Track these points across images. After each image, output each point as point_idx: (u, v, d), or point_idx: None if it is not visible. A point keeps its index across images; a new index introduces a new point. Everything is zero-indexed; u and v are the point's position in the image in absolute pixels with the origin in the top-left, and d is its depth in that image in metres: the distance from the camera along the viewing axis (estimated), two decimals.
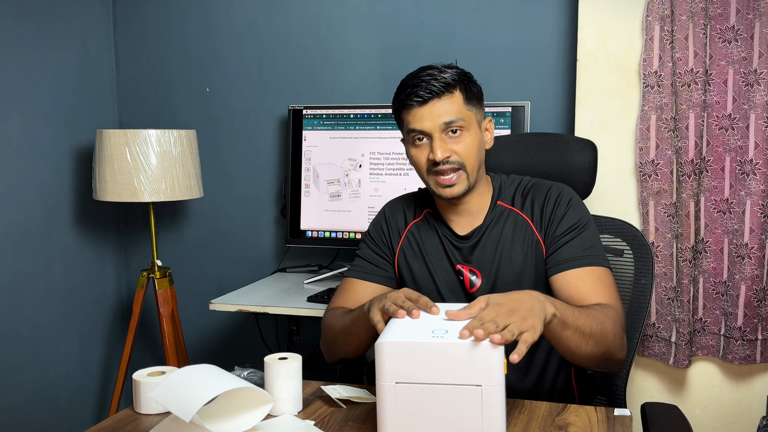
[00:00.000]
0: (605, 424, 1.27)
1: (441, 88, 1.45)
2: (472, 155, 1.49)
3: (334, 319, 1.53)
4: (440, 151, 1.45)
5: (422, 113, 1.46)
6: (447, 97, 1.46)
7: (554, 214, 1.52)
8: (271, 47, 2.67)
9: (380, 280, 1.61)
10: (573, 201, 1.54)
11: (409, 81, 1.48)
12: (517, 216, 1.55)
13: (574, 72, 2.25)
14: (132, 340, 2.48)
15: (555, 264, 1.49)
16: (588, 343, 1.33)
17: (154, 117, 2.82)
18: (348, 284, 1.62)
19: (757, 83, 2.01)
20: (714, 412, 2.21)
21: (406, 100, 1.47)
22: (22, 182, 2.44)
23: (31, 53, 2.46)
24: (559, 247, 1.50)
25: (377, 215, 1.68)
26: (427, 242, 1.59)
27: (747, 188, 2.05)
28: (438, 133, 1.46)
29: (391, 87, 2.60)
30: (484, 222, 1.55)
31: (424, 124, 1.46)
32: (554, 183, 1.58)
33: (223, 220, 2.80)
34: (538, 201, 1.55)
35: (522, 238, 1.53)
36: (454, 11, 2.46)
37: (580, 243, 1.49)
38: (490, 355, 1.09)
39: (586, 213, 1.54)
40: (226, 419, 1.23)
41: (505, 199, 1.57)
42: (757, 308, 2.07)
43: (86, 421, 2.73)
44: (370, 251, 1.64)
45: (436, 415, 1.12)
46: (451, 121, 1.46)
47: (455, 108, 1.46)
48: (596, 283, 1.45)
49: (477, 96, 1.52)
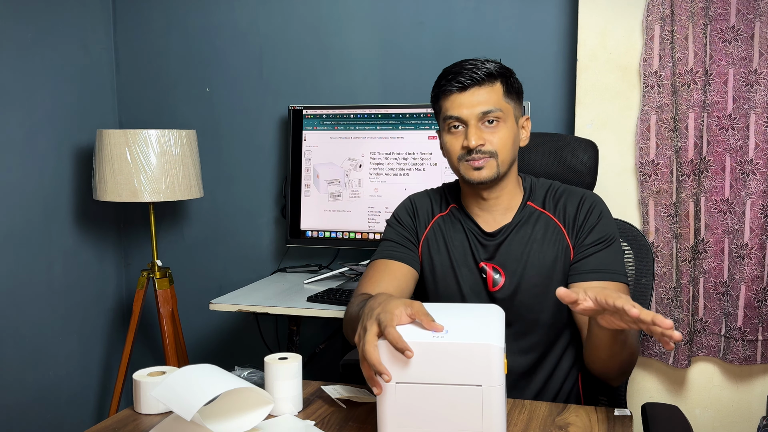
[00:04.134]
0: (605, 424, 1.27)
1: (483, 76, 1.46)
2: (506, 147, 1.49)
3: (353, 306, 1.43)
4: (474, 138, 1.45)
5: (461, 100, 1.47)
6: (487, 87, 1.47)
7: (586, 223, 1.53)
8: (271, 47, 2.67)
9: (411, 263, 1.57)
10: (604, 213, 1.55)
11: (451, 69, 1.49)
12: (549, 219, 1.55)
13: (574, 72, 2.25)
14: (132, 340, 2.48)
15: (579, 272, 1.50)
16: (624, 353, 1.35)
17: (154, 117, 2.82)
18: (376, 267, 1.56)
19: (757, 83, 2.01)
20: (714, 412, 2.21)
21: (446, 85, 1.48)
22: (22, 182, 2.44)
23: (31, 53, 2.46)
24: (586, 256, 1.51)
25: (402, 203, 1.66)
26: (452, 236, 1.58)
27: (747, 188, 2.05)
28: (474, 120, 1.46)
29: (391, 87, 2.62)
30: (512, 221, 1.55)
31: (461, 111, 1.46)
32: (585, 190, 1.59)
33: (223, 220, 2.80)
34: (571, 206, 1.55)
35: (553, 242, 1.53)
36: (454, 11, 2.46)
37: (606, 256, 1.50)
38: (490, 355, 1.09)
39: (615, 227, 1.56)
40: (226, 419, 1.23)
41: (536, 200, 1.57)
42: (758, 309, 2.07)
43: (86, 421, 2.73)
44: (396, 234, 1.61)
45: (436, 415, 1.12)
46: (488, 111, 1.46)
47: (494, 98, 1.47)
48: None
49: (517, 91, 1.53)
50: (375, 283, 1.51)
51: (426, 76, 2.49)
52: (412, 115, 2.36)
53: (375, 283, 1.51)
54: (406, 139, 2.36)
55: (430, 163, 2.34)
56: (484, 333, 1.13)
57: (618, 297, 1.13)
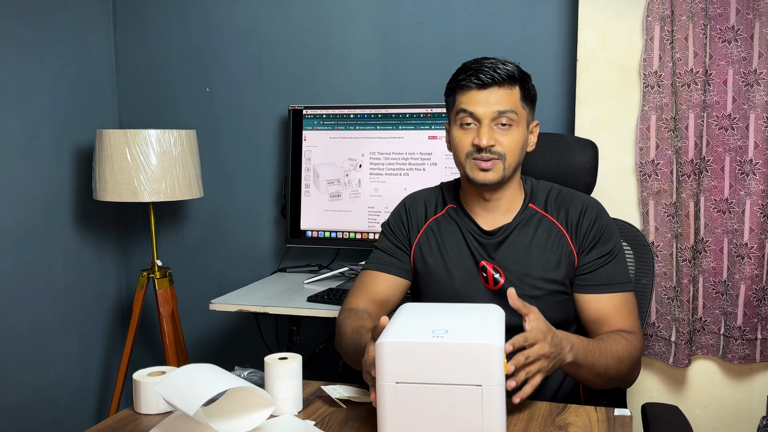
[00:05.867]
0: (605, 424, 1.27)
1: (504, 77, 1.46)
2: (515, 151, 1.49)
3: (344, 325, 1.50)
4: (486, 137, 1.45)
5: (478, 97, 1.47)
6: (507, 88, 1.47)
7: (590, 233, 1.54)
8: (271, 47, 2.67)
9: (399, 273, 1.61)
10: (607, 223, 1.57)
11: (472, 64, 1.49)
12: (552, 224, 1.55)
13: (574, 72, 2.25)
14: (132, 340, 2.48)
15: (588, 284, 1.52)
16: (600, 380, 1.42)
17: (154, 117, 2.82)
18: (366, 277, 1.62)
19: (757, 83, 2.01)
20: (714, 411, 2.21)
21: (465, 81, 1.48)
22: (22, 182, 2.44)
23: (31, 53, 2.46)
24: (595, 268, 1.52)
25: (397, 207, 1.68)
26: (447, 238, 1.59)
27: (747, 188, 2.05)
28: (488, 120, 1.47)
29: (391, 87, 2.62)
30: (513, 221, 1.55)
31: (477, 108, 1.47)
32: (586, 196, 1.60)
33: (223, 220, 2.80)
34: (574, 213, 1.55)
35: (557, 246, 1.53)
36: (454, 11, 2.46)
37: (614, 268, 1.53)
38: (490, 355, 1.09)
39: (616, 233, 1.58)
40: (227, 419, 1.23)
41: (537, 203, 1.57)
42: (757, 308, 2.07)
43: (86, 421, 2.73)
44: (388, 243, 1.64)
45: (436, 415, 1.12)
46: (504, 111, 1.46)
47: (512, 100, 1.47)
48: (624, 310, 1.51)
49: (532, 98, 1.54)
50: (360, 296, 1.59)
51: (426, 76, 2.49)
52: (412, 115, 2.36)
53: (360, 296, 1.59)
54: (406, 139, 2.36)
55: (430, 163, 2.34)
56: (484, 333, 1.13)
57: (524, 338, 1.23)
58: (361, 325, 1.44)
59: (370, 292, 1.59)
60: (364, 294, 1.59)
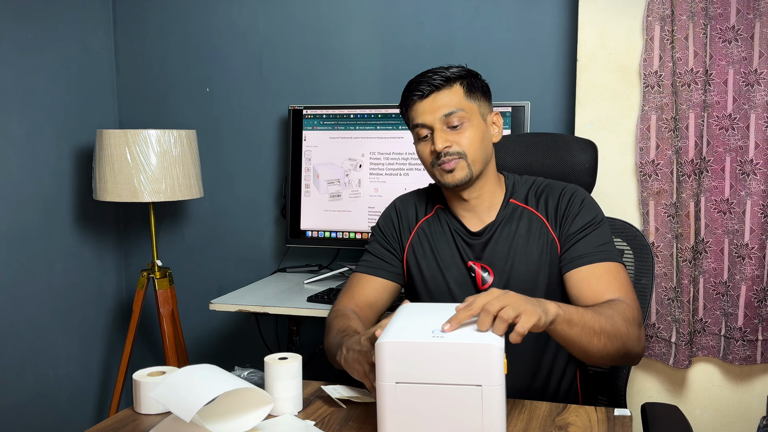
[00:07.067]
0: (605, 424, 1.27)
1: (441, 81, 1.49)
2: (473, 146, 1.50)
3: (332, 326, 1.51)
4: (440, 141, 1.48)
5: (423, 107, 1.50)
6: (446, 90, 1.50)
7: (568, 212, 1.53)
8: (271, 47, 2.67)
9: (387, 276, 1.62)
10: (587, 200, 1.55)
11: (413, 79, 1.53)
12: (532, 214, 1.55)
13: (574, 72, 2.25)
14: (132, 340, 2.48)
15: (569, 261, 1.50)
16: (600, 340, 1.31)
17: (154, 117, 2.82)
18: (355, 279, 1.63)
19: (758, 83, 2.01)
20: (714, 412, 2.21)
21: (409, 95, 1.52)
22: (22, 182, 2.44)
23: (31, 53, 2.46)
24: (573, 243, 1.51)
25: (387, 209, 1.69)
26: (438, 239, 1.59)
27: (747, 188, 2.05)
28: (439, 124, 1.49)
29: (391, 87, 2.62)
30: (496, 219, 1.56)
31: (425, 118, 1.50)
32: (568, 184, 1.60)
33: (223, 220, 2.80)
34: (552, 200, 1.55)
35: (537, 237, 1.53)
36: (454, 11, 2.46)
37: (593, 240, 1.50)
38: (490, 355, 1.09)
39: (600, 212, 1.56)
40: (226, 419, 1.23)
41: (518, 197, 1.58)
42: (758, 309, 2.07)
43: (86, 421, 2.73)
44: (378, 246, 1.65)
45: (436, 415, 1.12)
46: (450, 113, 1.48)
47: (455, 100, 1.49)
48: (609, 279, 1.46)
49: (482, 90, 1.54)
50: (350, 299, 1.60)
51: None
52: None
53: (350, 299, 1.60)
54: (406, 139, 2.36)
55: None
56: (483, 333, 1.13)
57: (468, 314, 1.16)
58: (348, 325, 1.46)
59: (358, 295, 1.60)
60: (352, 297, 1.60)
